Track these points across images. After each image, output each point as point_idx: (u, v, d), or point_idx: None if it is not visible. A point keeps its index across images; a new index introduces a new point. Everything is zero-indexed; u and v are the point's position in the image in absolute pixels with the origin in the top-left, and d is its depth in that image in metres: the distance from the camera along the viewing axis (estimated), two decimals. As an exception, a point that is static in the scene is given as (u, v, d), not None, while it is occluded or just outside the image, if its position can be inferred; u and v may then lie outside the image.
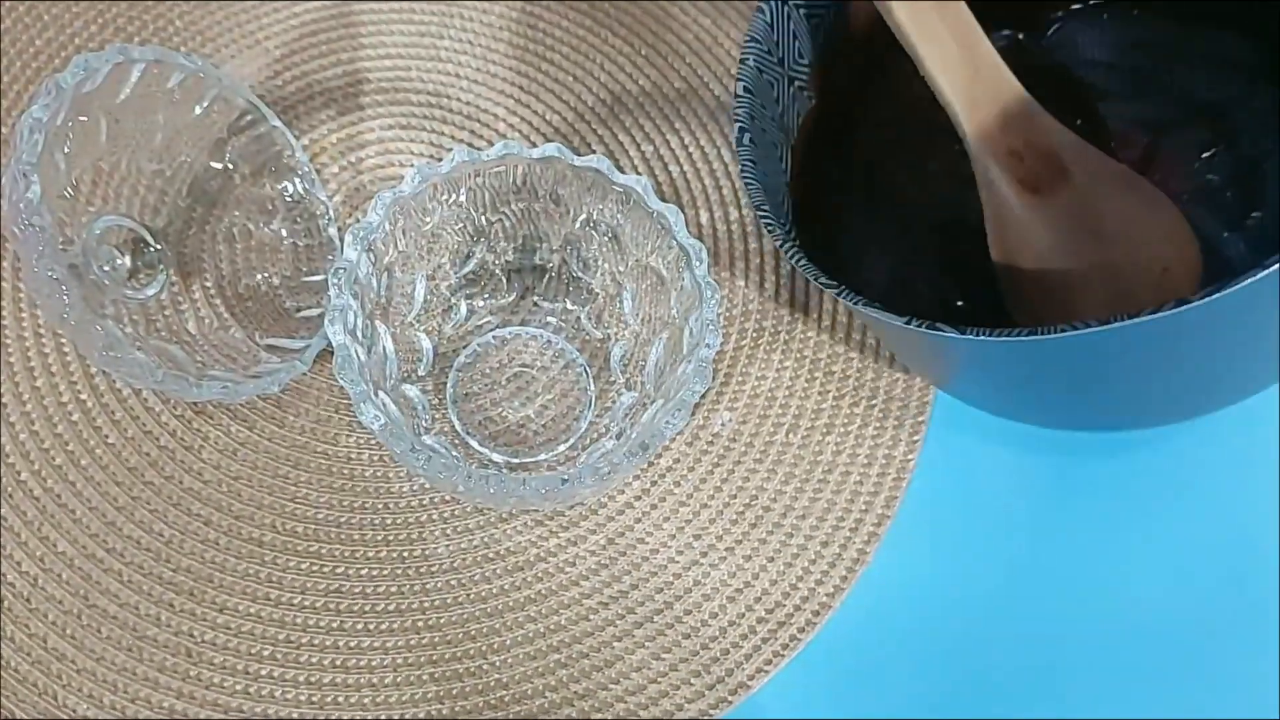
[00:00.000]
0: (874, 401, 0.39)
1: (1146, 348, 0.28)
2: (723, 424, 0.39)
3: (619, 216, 0.36)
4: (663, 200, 0.34)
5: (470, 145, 0.42)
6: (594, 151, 0.41)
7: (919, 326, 0.29)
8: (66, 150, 0.34)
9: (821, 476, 0.38)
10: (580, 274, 0.39)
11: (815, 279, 0.31)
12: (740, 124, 0.35)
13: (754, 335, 0.40)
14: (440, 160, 0.34)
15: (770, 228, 0.33)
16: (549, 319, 0.40)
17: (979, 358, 0.32)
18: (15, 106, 0.41)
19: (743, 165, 0.34)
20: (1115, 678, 0.36)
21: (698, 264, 0.33)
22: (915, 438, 0.39)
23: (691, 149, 0.43)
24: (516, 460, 0.38)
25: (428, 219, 0.35)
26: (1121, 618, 0.37)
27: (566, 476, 0.30)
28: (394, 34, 0.44)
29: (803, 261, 0.32)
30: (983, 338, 0.27)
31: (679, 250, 0.34)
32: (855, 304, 0.30)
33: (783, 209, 0.36)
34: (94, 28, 0.42)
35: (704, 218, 0.42)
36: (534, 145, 0.34)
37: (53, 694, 0.34)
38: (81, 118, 0.34)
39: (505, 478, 0.30)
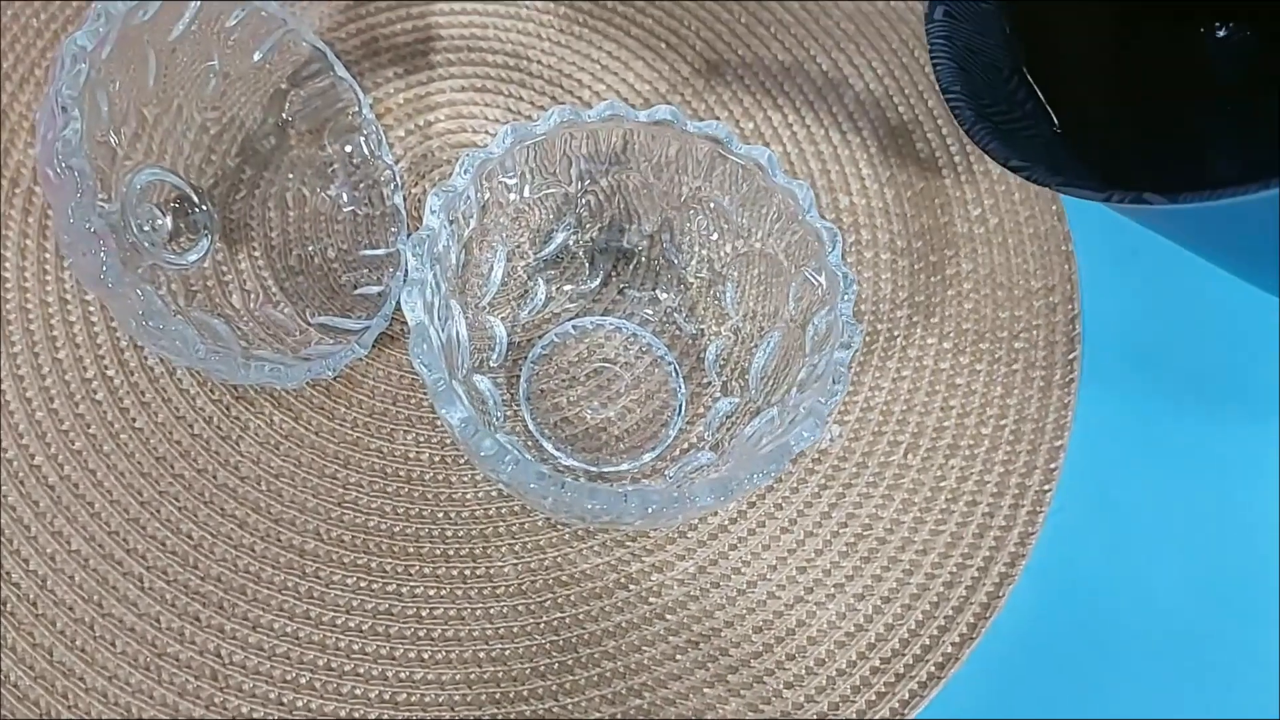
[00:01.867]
0: (1004, 421, 0.34)
1: None
2: (831, 439, 0.34)
3: (731, 194, 0.31)
4: (788, 177, 0.30)
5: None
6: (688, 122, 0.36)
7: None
8: (111, 89, 0.29)
9: (945, 506, 0.33)
10: (674, 259, 0.34)
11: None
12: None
13: (868, 340, 0.35)
14: (533, 120, 0.29)
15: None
16: (635, 309, 0.35)
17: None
18: (50, 47, 0.36)
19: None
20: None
21: (831, 250, 0.29)
22: (1053, 465, 0.34)
23: (796, 127, 0.38)
24: (595, 468, 0.33)
25: (513, 187, 0.31)
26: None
27: (679, 494, 0.25)
28: (470, -10, 0.40)
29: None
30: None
31: (806, 234, 0.30)
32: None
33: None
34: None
35: (813, 198, 0.37)
36: (628, 108, 0.29)
37: (56, 714, 0.29)
38: (129, 54, 0.29)
39: (606, 491, 0.25)
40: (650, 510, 0.25)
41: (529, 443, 0.33)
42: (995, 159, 0.28)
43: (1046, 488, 0.33)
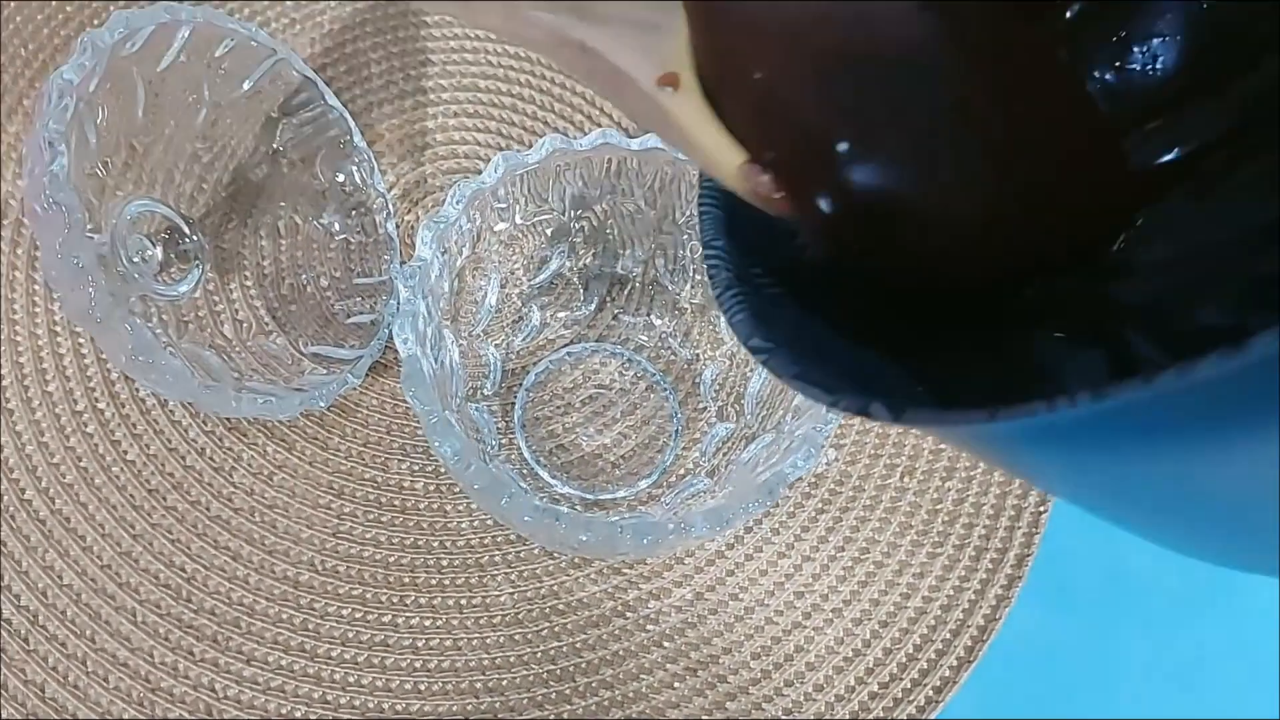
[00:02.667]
0: (999, 444, 0.34)
1: None
2: (827, 463, 0.34)
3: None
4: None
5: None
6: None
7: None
8: (99, 121, 0.29)
9: (942, 528, 0.33)
10: (668, 284, 0.34)
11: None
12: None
13: (863, 363, 0.35)
14: (525, 149, 0.29)
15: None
16: (629, 335, 0.35)
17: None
18: (39, 78, 0.36)
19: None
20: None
21: (824, 277, 0.29)
22: (1048, 487, 0.34)
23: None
24: (591, 496, 0.33)
25: (505, 215, 0.31)
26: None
27: (674, 525, 0.25)
28: (461, 15, 0.40)
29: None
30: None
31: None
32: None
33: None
34: (131, -5, 0.38)
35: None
36: (620, 135, 0.29)
37: (49, 753, 0.29)
38: (117, 86, 0.29)
39: (601, 523, 0.25)
40: (645, 541, 0.25)
41: (524, 470, 0.33)
42: (737, 334, 0.20)
43: (1042, 509, 0.33)
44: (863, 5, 0.20)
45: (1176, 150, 0.20)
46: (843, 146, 0.18)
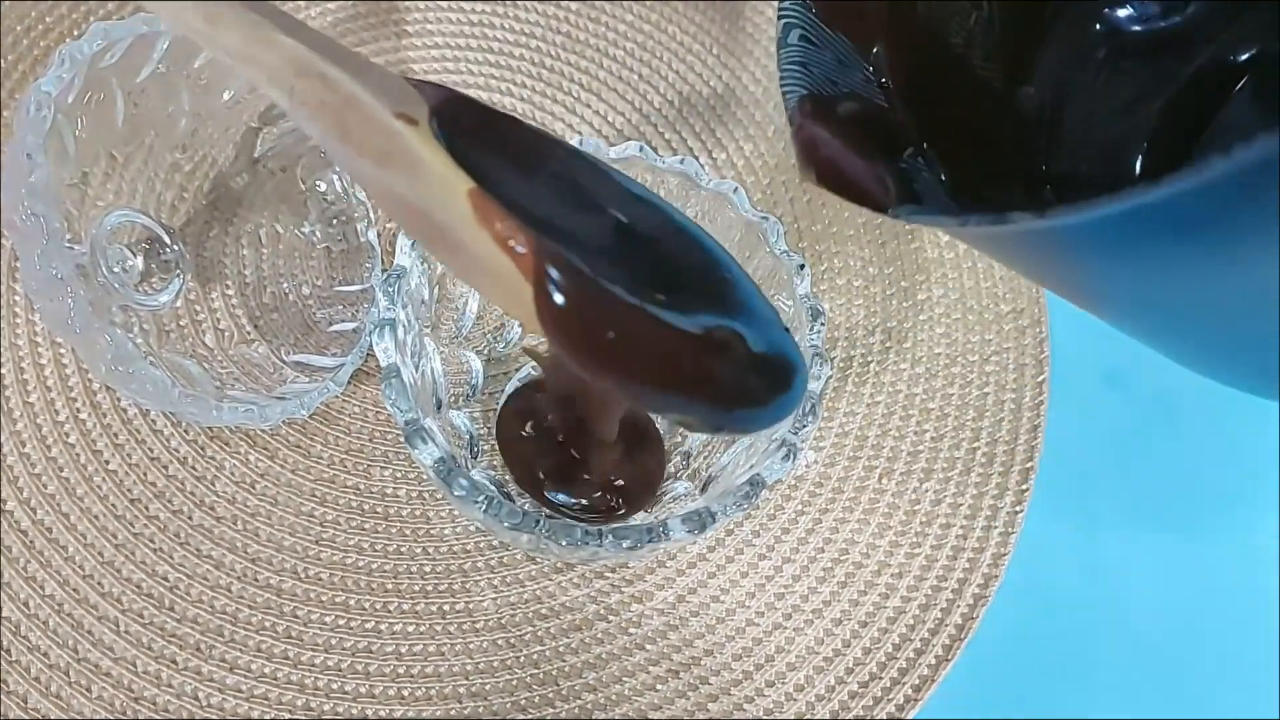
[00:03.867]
0: (976, 444, 0.35)
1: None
2: (807, 465, 0.34)
3: (702, 226, 0.32)
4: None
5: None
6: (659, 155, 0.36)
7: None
8: (78, 133, 0.29)
9: (920, 529, 0.33)
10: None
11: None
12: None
13: (842, 366, 0.36)
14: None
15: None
16: (611, 342, 0.35)
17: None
18: (19, 89, 0.36)
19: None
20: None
21: (799, 281, 0.29)
22: (1024, 486, 0.34)
23: (768, 156, 0.39)
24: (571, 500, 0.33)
25: (486, 224, 0.31)
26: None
27: (652, 529, 0.25)
28: (441, 23, 0.40)
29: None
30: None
31: (775, 266, 0.30)
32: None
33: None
34: (111, 4, 0.38)
35: (781, 230, 0.38)
36: (596, 145, 0.30)
37: (32, 763, 0.29)
38: (96, 97, 0.29)
39: (581, 530, 0.25)
40: (625, 547, 0.25)
41: (506, 477, 0.33)
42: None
43: (1018, 509, 0.34)
44: None
45: None
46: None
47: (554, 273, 0.20)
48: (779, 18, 0.25)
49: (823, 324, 0.28)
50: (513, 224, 0.20)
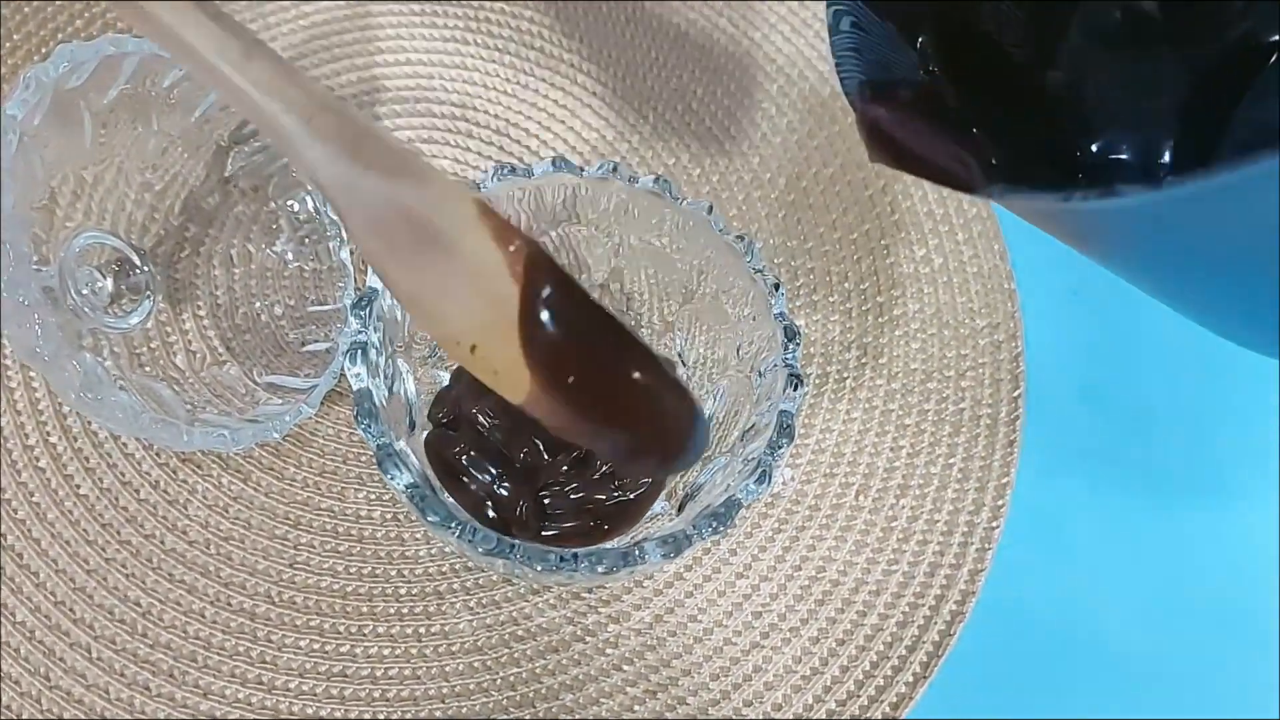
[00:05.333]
0: (952, 460, 0.35)
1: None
2: (784, 483, 0.34)
3: (677, 245, 0.32)
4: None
5: (499, 162, 0.38)
6: (637, 173, 0.36)
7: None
8: (44, 155, 0.29)
9: (897, 546, 0.33)
10: (624, 309, 0.34)
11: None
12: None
13: (818, 383, 0.36)
14: (475, 177, 0.30)
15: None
16: (587, 360, 0.35)
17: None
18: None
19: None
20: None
21: (774, 300, 0.29)
22: (1000, 502, 0.34)
23: (744, 173, 0.39)
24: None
25: (459, 244, 0.31)
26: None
27: (627, 553, 0.25)
28: (415, 38, 0.40)
29: None
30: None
31: (749, 285, 0.30)
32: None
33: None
34: (79, 22, 0.38)
35: (756, 249, 0.38)
36: (571, 164, 0.30)
37: (2, 795, 0.28)
38: (63, 118, 0.29)
39: (555, 554, 0.25)
40: (600, 571, 0.25)
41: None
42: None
43: (995, 524, 0.34)
44: None
45: None
46: None
47: (542, 265, 0.23)
48: (829, 5, 0.26)
49: (798, 344, 0.28)
50: (509, 224, 0.23)
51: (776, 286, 0.29)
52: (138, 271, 0.33)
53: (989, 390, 0.36)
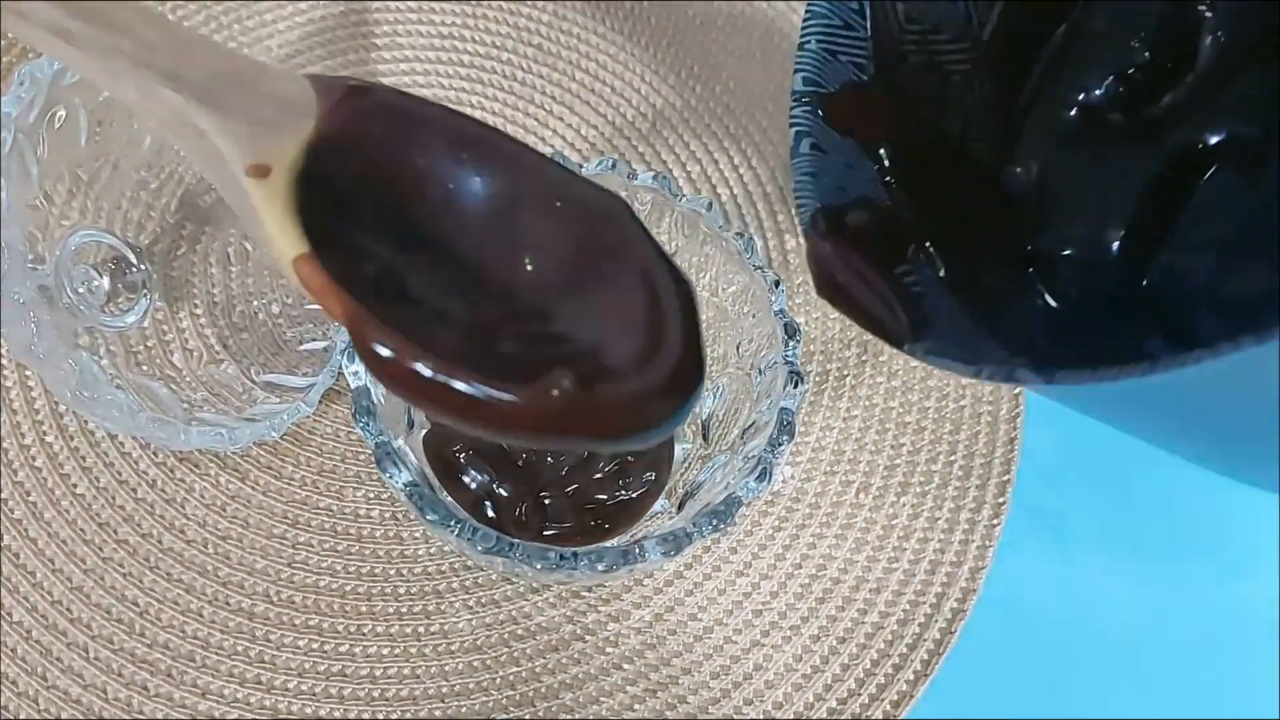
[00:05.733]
0: (953, 458, 0.35)
1: None
2: (784, 481, 0.34)
3: (676, 242, 0.31)
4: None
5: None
6: (635, 169, 0.36)
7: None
8: (40, 153, 0.29)
9: (897, 544, 0.33)
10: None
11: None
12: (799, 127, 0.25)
13: (818, 380, 0.36)
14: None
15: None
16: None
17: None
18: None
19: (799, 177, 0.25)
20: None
21: (774, 297, 0.29)
22: (1000, 500, 0.34)
23: (743, 170, 0.39)
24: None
25: (457, 242, 0.31)
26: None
27: (627, 551, 0.25)
28: (411, 35, 0.40)
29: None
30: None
31: (749, 282, 0.30)
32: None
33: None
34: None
35: (756, 246, 0.37)
36: (570, 161, 0.30)
37: (-1, 796, 0.28)
38: (59, 115, 0.29)
39: (555, 553, 0.25)
40: (600, 569, 0.25)
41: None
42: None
43: (995, 522, 0.34)
44: None
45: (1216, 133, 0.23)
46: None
47: (369, 340, 0.20)
48: (791, 126, 0.25)
49: (799, 341, 0.28)
50: (332, 296, 0.20)
51: (777, 283, 0.29)
52: (134, 270, 0.33)
53: (989, 387, 0.36)
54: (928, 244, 0.24)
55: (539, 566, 0.25)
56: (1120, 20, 0.26)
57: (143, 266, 0.33)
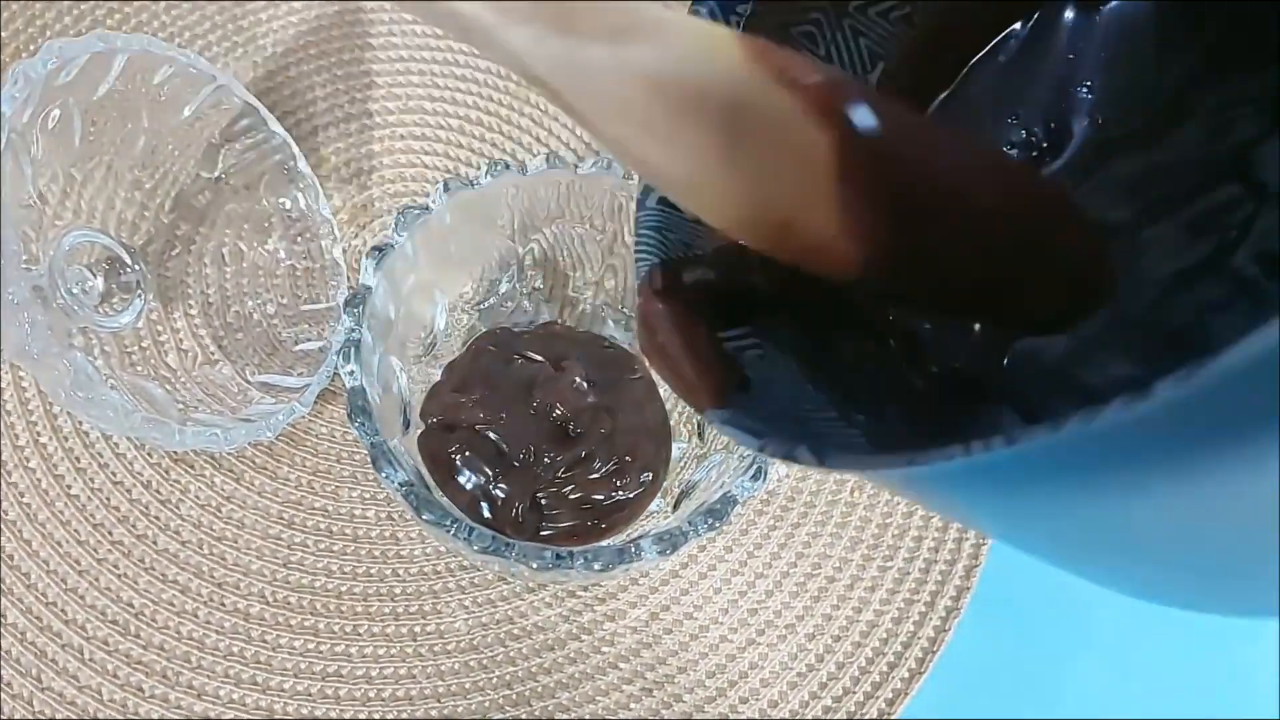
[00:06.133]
0: (947, 456, 0.35)
1: None
2: (779, 479, 0.34)
3: (671, 243, 0.31)
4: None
5: (492, 159, 0.38)
6: (630, 169, 0.36)
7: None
8: (34, 153, 0.29)
9: (891, 542, 0.33)
10: (619, 306, 0.34)
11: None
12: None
13: (812, 379, 0.36)
14: (468, 174, 0.29)
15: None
16: (580, 357, 0.35)
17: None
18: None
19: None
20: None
21: (769, 299, 0.29)
22: (994, 498, 0.34)
23: (737, 170, 0.39)
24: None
25: (453, 241, 0.31)
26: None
27: (623, 550, 0.25)
28: (406, 35, 0.40)
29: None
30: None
31: (745, 283, 0.30)
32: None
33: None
34: (68, 19, 0.37)
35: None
36: (565, 160, 0.30)
37: (-6, 798, 0.28)
38: (52, 115, 0.29)
39: (551, 553, 0.25)
40: (596, 569, 0.25)
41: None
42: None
43: (990, 520, 0.34)
44: None
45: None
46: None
47: (854, 96, 0.17)
48: (641, 179, 0.22)
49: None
50: (791, 54, 0.17)
51: (771, 283, 0.29)
52: (128, 270, 0.33)
53: (983, 386, 0.36)
54: (780, 310, 0.22)
55: (535, 566, 0.25)
56: (997, 94, 0.24)
57: (137, 267, 0.33)
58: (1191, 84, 0.21)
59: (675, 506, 0.31)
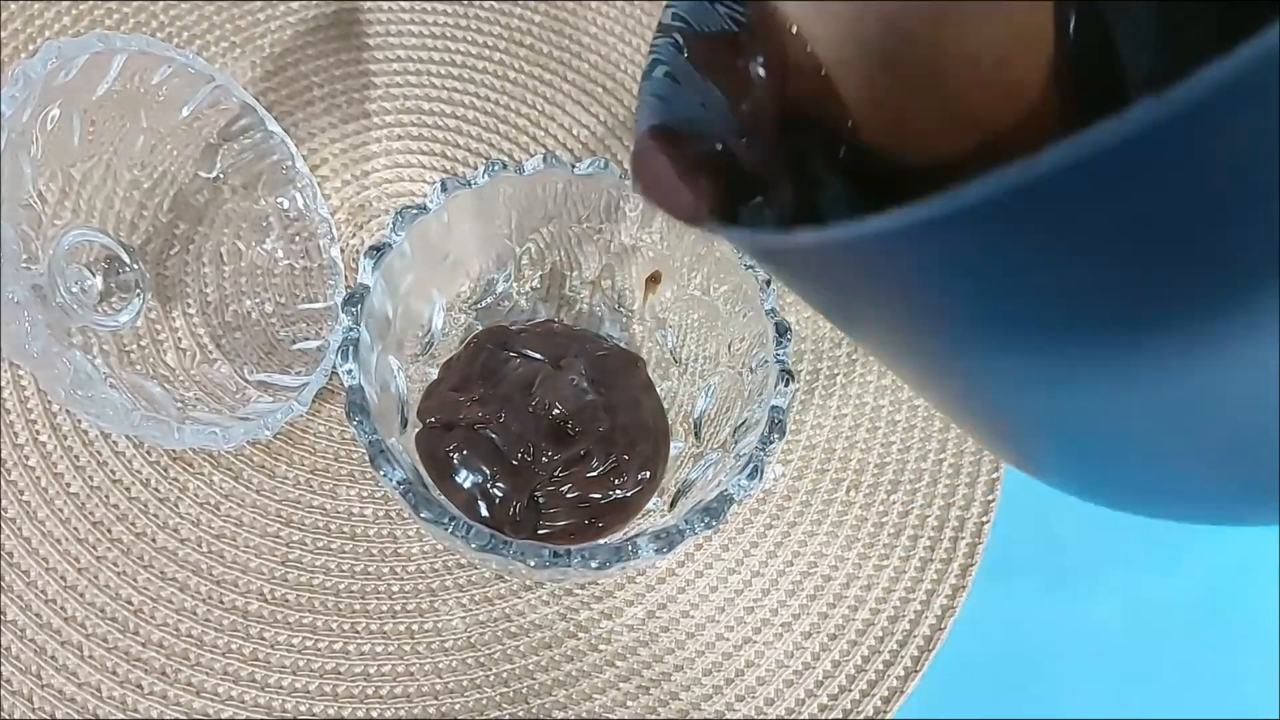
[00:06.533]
0: (942, 455, 0.35)
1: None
2: (775, 479, 0.34)
3: (668, 241, 0.32)
4: (723, 225, 0.30)
5: (489, 159, 0.38)
6: (627, 169, 0.36)
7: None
8: (33, 152, 0.29)
9: (888, 541, 0.34)
10: (616, 305, 0.35)
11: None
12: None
13: (809, 379, 0.36)
14: (466, 174, 0.30)
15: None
16: (578, 356, 0.35)
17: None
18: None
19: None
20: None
21: (765, 296, 0.29)
22: (990, 497, 0.34)
23: (734, 170, 0.39)
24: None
25: (451, 240, 0.31)
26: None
27: (620, 548, 0.25)
28: (403, 35, 0.40)
29: None
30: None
31: (741, 281, 0.30)
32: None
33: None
34: (67, 20, 0.37)
35: (749, 246, 0.38)
36: (562, 160, 0.30)
37: (-7, 795, 0.28)
38: (52, 115, 0.29)
39: (548, 551, 0.25)
40: (594, 566, 0.25)
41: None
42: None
43: (985, 519, 0.34)
44: None
45: None
46: None
47: None
48: (650, 53, 0.22)
49: (790, 340, 0.28)
50: None
51: (768, 283, 0.29)
52: (127, 269, 0.33)
53: (979, 385, 0.36)
54: (771, 196, 0.22)
55: (533, 564, 0.25)
56: None
57: (136, 266, 0.33)
58: None
59: (672, 505, 0.31)
